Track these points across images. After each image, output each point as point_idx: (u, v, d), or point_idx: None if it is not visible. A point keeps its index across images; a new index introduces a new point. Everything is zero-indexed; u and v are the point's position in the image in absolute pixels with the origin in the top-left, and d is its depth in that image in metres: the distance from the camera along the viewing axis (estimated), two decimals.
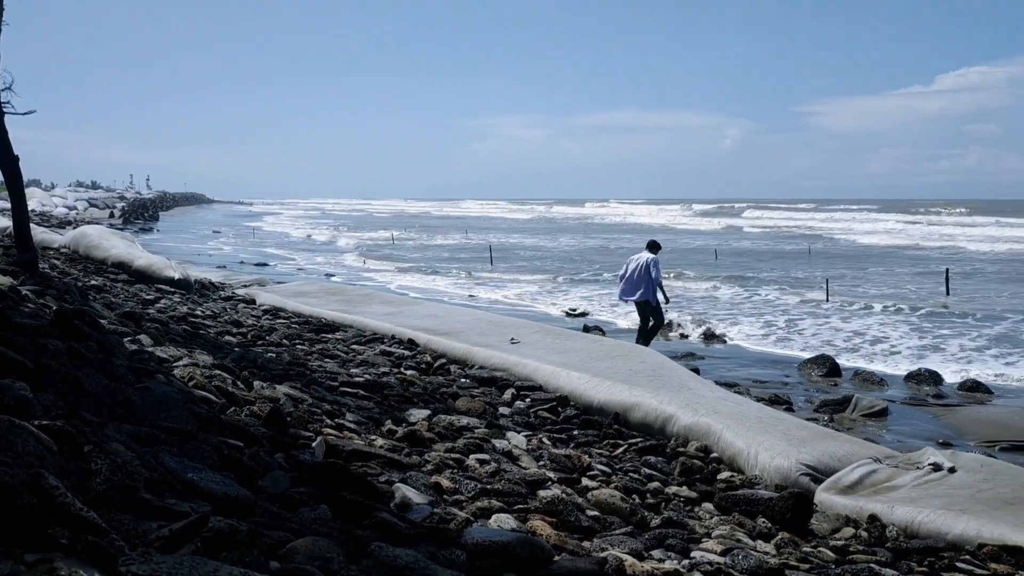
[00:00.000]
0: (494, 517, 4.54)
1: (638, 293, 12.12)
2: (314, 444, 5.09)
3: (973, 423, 10.40)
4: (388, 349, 11.39)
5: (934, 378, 13.21)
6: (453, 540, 3.71)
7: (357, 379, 8.64)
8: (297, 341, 11.39)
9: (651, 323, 11.89)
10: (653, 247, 12.58)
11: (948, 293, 24.19)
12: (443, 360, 10.88)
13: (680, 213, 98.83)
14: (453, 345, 11.55)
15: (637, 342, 11.77)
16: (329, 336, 12.36)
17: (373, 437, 6.10)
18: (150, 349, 7.36)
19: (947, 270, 26.03)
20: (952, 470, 6.75)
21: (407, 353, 11.24)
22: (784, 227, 61.19)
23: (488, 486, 5.26)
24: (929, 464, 6.87)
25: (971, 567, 5.34)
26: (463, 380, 9.92)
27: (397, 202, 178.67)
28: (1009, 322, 19.07)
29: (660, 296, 12.19)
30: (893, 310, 21.09)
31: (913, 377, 13.35)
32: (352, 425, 6.33)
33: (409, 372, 9.87)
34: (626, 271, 12.39)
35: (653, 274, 11.89)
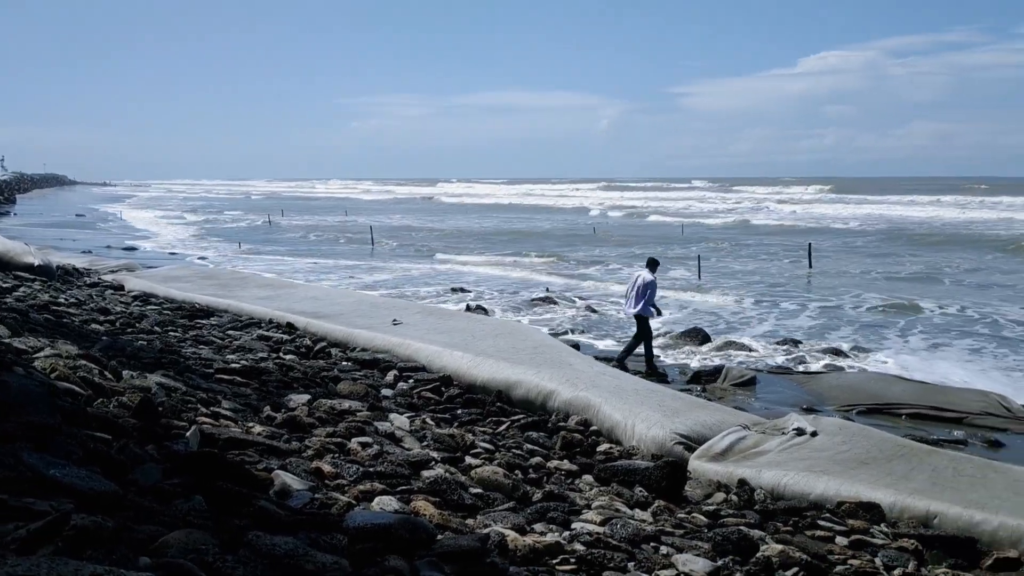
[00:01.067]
0: (377, 500, 4.52)
1: (633, 307, 12.61)
2: (188, 434, 4.93)
3: (833, 389, 11.03)
4: (266, 334, 11.12)
5: (794, 344, 13.93)
6: (334, 525, 3.69)
7: (234, 365, 8.41)
8: (170, 328, 10.97)
9: (634, 337, 12.60)
10: (652, 264, 13.06)
11: (811, 266, 25.48)
12: (324, 343, 10.72)
13: (561, 192, 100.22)
14: (334, 328, 11.39)
15: (624, 352, 12.43)
16: (204, 322, 11.96)
17: (251, 424, 5.95)
18: (7, 340, 6.94)
19: (809, 245, 27.40)
20: (814, 434, 7.15)
21: (286, 337, 11.01)
22: (656, 207, 62.69)
23: (371, 469, 5.23)
24: (793, 429, 7.25)
25: (831, 524, 5.70)
26: (345, 363, 9.81)
27: (273, 183, 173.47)
28: (857, 294, 20.27)
29: (652, 311, 12.70)
30: (759, 284, 22.06)
31: (779, 346, 14.03)
32: (229, 413, 6.16)
33: (288, 357, 9.67)
34: (629, 285, 13.00)
35: (647, 294, 12.50)
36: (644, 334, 12.41)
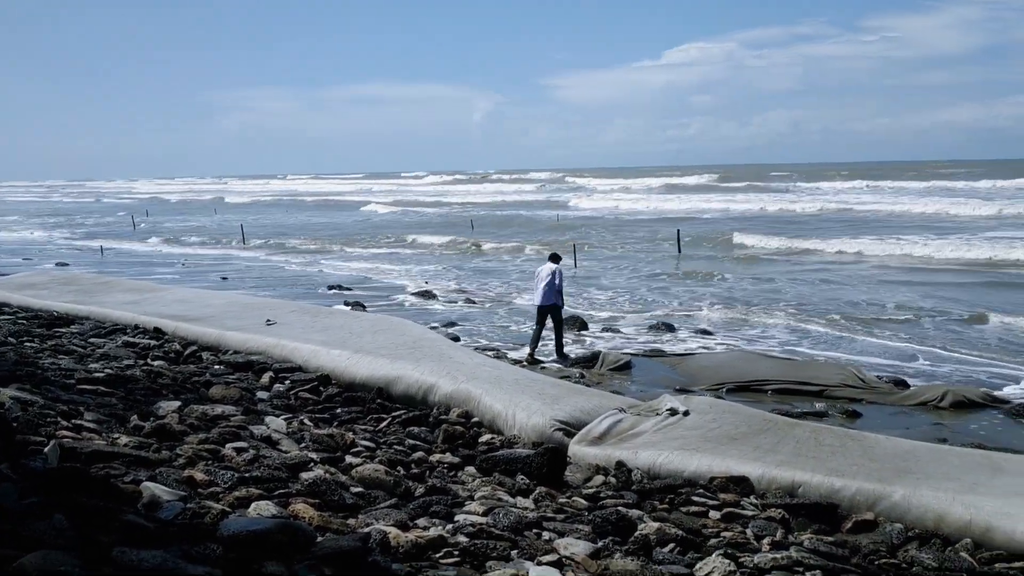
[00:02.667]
0: (253, 505, 4.40)
1: (544, 299, 12.87)
2: (46, 449, 4.67)
3: (704, 369, 11.47)
4: (132, 340, 10.64)
5: (670, 328, 14.41)
6: (208, 534, 3.58)
7: (97, 375, 8.00)
8: (25, 338, 10.34)
9: (554, 325, 12.99)
10: (555, 258, 13.47)
11: (680, 252, 26.36)
12: (194, 347, 10.34)
13: (432, 183, 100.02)
14: (204, 331, 11.00)
15: (532, 345, 12.76)
16: (63, 330, 11.33)
17: (117, 435, 5.68)
18: None
19: (678, 231, 28.34)
20: (686, 413, 7.41)
21: (153, 343, 10.56)
22: (524, 201, 63.12)
23: (246, 474, 5.09)
24: (667, 410, 7.50)
25: (704, 499, 5.93)
26: (217, 367, 9.50)
27: (136, 182, 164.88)
28: (725, 280, 21.15)
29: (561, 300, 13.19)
30: (630, 271, 22.67)
31: (653, 329, 14.49)
32: (92, 425, 5.87)
33: (157, 363, 9.29)
34: (537, 280, 13.29)
35: (557, 282, 12.94)
36: (559, 322, 12.89)
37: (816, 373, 10.85)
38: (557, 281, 12.88)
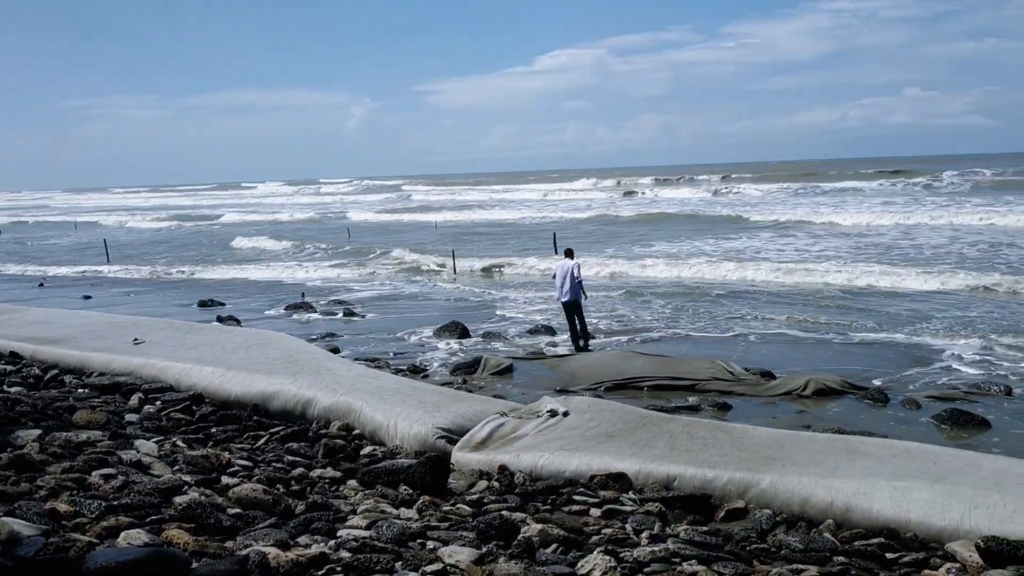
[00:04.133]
0: (123, 535, 4.21)
1: (567, 295, 13.58)
2: None
3: (582, 370, 11.71)
4: None
5: (549, 331, 14.64)
6: (74, 569, 3.40)
7: None
8: None
9: (578, 321, 13.66)
10: (570, 254, 14.11)
11: (556, 252, 26.78)
12: (55, 371, 9.81)
13: (296, 193, 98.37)
14: (66, 353, 10.45)
15: (574, 342, 13.59)
16: None
17: None
18: None
19: (554, 234, 28.81)
20: (566, 414, 7.55)
21: (9, 368, 9.95)
22: (400, 207, 62.78)
23: (115, 502, 4.87)
24: (547, 411, 7.62)
25: (585, 497, 6.06)
26: (81, 391, 9.03)
27: None
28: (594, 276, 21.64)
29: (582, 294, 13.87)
30: (512, 274, 22.91)
31: (533, 332, 14.68)
32: None
33: (14, 389, 8.75)
34: (558, 277, 13.87)
35: (577, 275, 13.62)
36: (581, 315, 13.71)
37: (688, 368, 11.24)
38: (577, 274, 13.67)
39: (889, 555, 5.16)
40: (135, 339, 10.92)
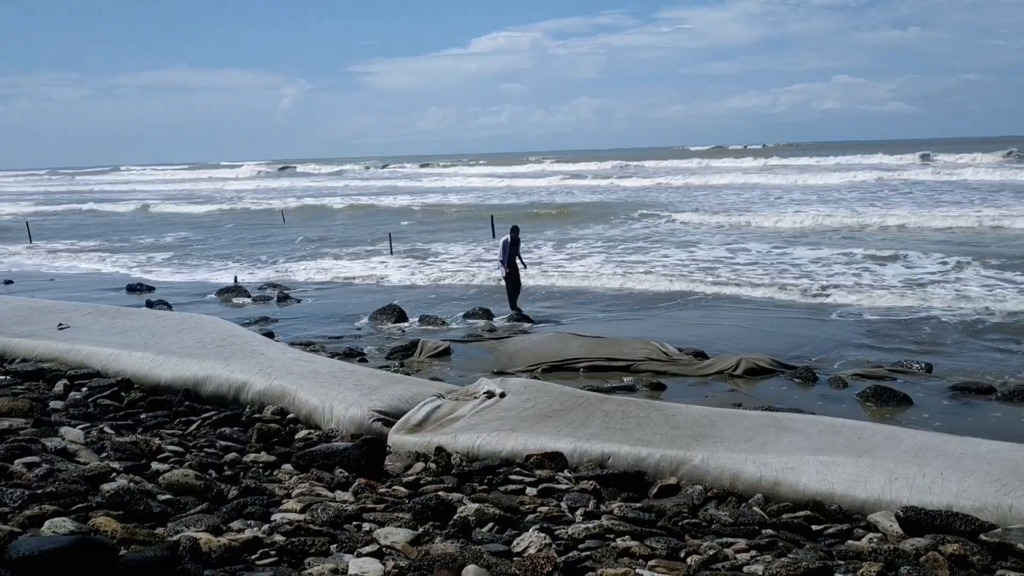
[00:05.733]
0: (47, 523, 4.11)
1: (504, 264, 15.32)
2: None
3: (520, 351, 11.76)
4: None
5: (487, 314, 14.67)
6: None
7: None
8: None
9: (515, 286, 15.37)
10: (514, 230, 15.77)
11: (494, 236, 26.83)
12: None
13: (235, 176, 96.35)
14: None
15: (512, 306, 15.07)
16: None
17: None
18: None
19: (492, 217, 28.81)
20: (503, 395, 7.58)
21: None
22: (326, 187, 61.84)
23: (39, 491, 4.74)
24: (484, 393, 7.64)
25: (521, 476, 6.09)
26: (2, 378, 8.74)
27: None
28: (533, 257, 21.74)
29: (519, 264, 15.62)
30: (448, 256, 22.86)
31: (470, 315, 14.69)
32: None
33: None
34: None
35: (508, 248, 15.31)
36: (508, 283, 15.34)
37: (623, 349, 11.38)
38: (502, 251, 15.34)
39: (815, 527, 5.32)
40: (60, 324, 10.60)
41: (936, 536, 4.90)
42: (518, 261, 15.55)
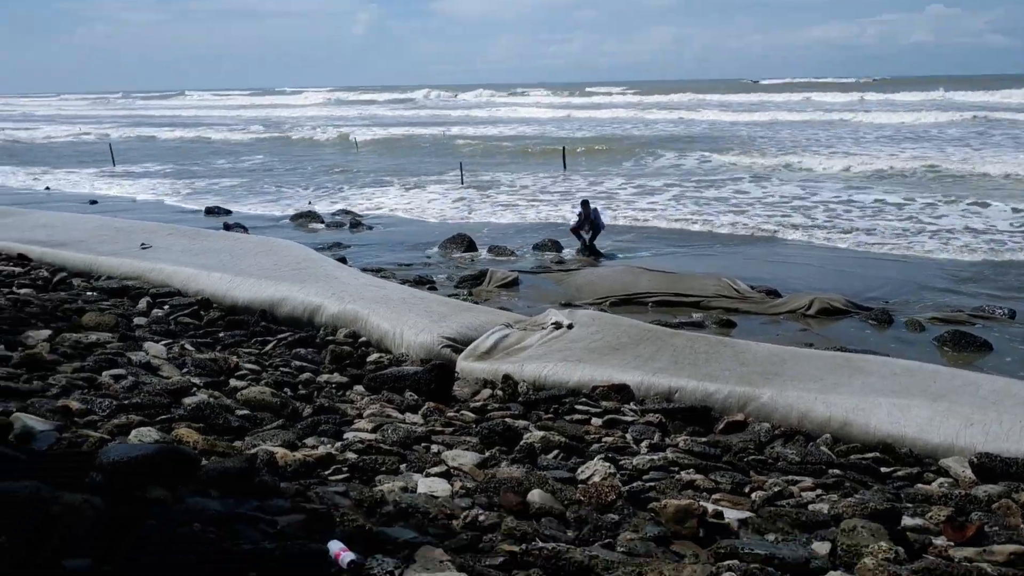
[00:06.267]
0: (134, 432, 4.32)
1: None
2: None
3: (588, 284, 11.74)
4: None
5: (556, 246, 14.63)
6: (87, 463, 3.49)
7: None
8: None
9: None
10: (584, 204, 14.74)
11: (564, 168, 26.58)
12: (64, 274, 9.87)
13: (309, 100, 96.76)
14: (74, 256, 10.51)
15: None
16: None
17: None
18: None
19: (563, 148, 28.49)
20: (570, 327, 7.60)
21: (18, 270, 10.01)
22: (396, 116, 61.58)
23: (126, 401, 4.97)
24: (552, 323, 7.67)
25: (587, 407, 6.15)
26: (90, 294, 9.11)
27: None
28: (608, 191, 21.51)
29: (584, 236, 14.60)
30: (518, 188, 22.76)
31: (539, 247, 14.67)
32: None
33: (23, 290, 8.83)
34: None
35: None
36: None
37: (694, 285, 11.26)
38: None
39: (884, 469, 5.26)
40: (142, 244, 10.96)
41: (1011, 484, 4.79)
42: (583, 235, 14.57)
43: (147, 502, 3.19)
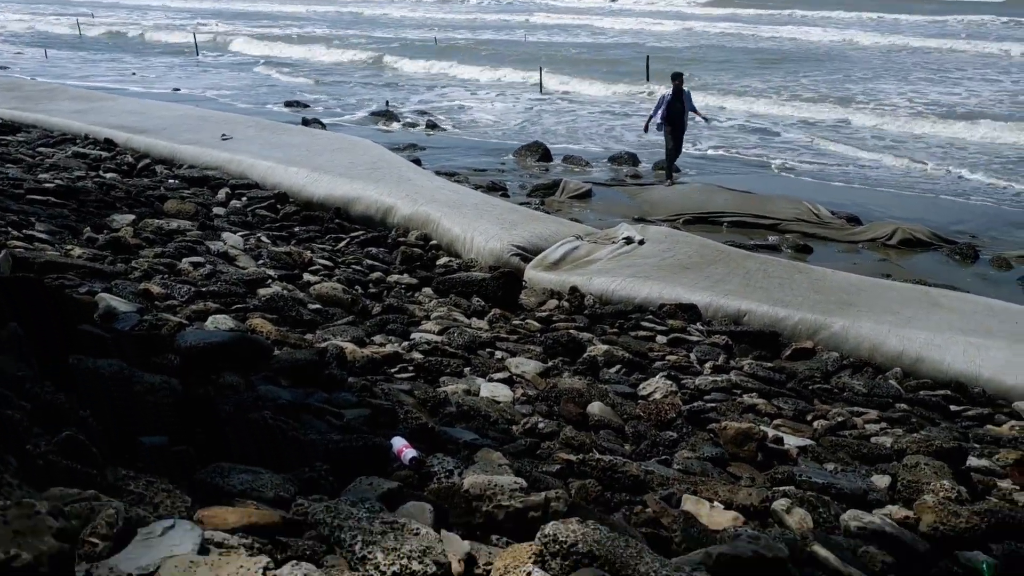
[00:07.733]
0: (211, 319, 4.46)
1: (661, 122, 12.74)
2: None
3: (663, 200, 11.55)
4: (82, 151, 10.34)
5: (632, 159, 14.37)
6: (165, 345, 3.63)
7: (47, 185, 7.82)
8: None
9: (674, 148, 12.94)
10: (675, 77, 12.87)
11: (648, 79, 25.87)
12: (147, 161, 10.12)
13: None
14: (157, 144, 10.73)
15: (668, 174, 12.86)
16: (9, 138, 10.96)
17: (70, 247, 5.64)
18: None
19: (647, 57, 27.66)
20: (641, 242, 7.53)
21: (105, 154, 10.29)
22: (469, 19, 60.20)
23: (203, 289, 5.13)
24: (623, 238, 7.60)
25: (652, 324, 6.13)
26: (172, 181, 9.34)
27: None
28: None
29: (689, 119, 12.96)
30: (597, 98, 22.29)
31: (615, 159, 14.43)
32: (44, 236, 5.81)
33: (109, 175, 9.09)
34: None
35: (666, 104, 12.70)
36: (668, 142, 12.81)
37: (772, 207, 10.98)
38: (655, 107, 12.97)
39: (953, 407, 5.15)
40: (223, 135, 11.12)
41: None
42: (688, 117, 12.91)
43: (221, 387, 3.31)
